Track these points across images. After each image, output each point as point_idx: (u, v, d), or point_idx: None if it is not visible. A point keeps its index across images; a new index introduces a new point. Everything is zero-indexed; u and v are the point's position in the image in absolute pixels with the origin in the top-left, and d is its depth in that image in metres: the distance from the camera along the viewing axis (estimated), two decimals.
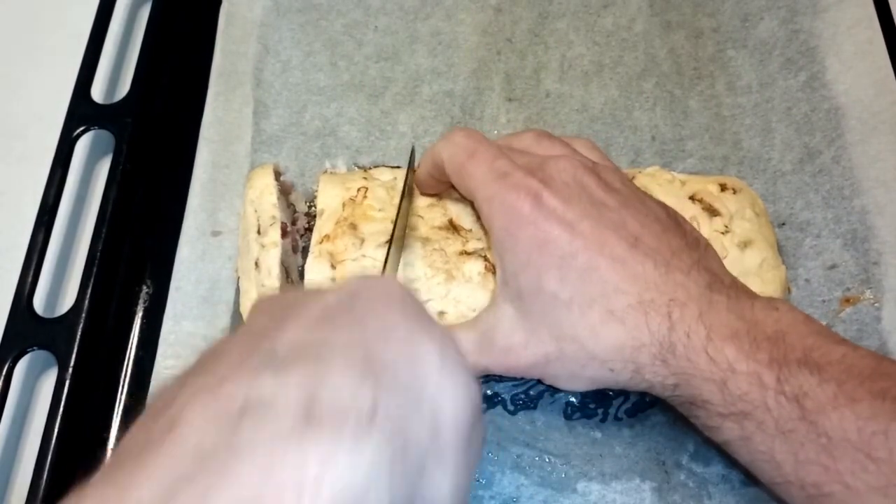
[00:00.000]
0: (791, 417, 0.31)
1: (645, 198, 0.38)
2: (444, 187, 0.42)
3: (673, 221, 0.37)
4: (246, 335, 0.27)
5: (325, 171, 0.46)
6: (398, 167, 0.46)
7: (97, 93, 0.52)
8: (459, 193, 0.41)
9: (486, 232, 0.40)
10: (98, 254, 0.46)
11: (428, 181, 0.42)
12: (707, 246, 0.38)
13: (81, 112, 0.51)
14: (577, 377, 0.36)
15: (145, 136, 0.51)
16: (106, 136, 0.51)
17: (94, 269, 0.46)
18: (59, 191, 0.49)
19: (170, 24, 0.55)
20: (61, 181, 0.49)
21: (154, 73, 0.53)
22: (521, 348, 0.36)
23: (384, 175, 0.44)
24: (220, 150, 0.50)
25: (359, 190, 0.43)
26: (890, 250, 0.45)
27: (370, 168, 0.46)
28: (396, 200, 0.42)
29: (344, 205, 0.42)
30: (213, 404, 0.23)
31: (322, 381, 0.23)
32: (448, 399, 0.26)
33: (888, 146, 0.47)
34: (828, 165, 0.48)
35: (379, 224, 0.41)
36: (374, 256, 0.40)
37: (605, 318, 0.34)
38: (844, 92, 0.50)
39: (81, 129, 0.50)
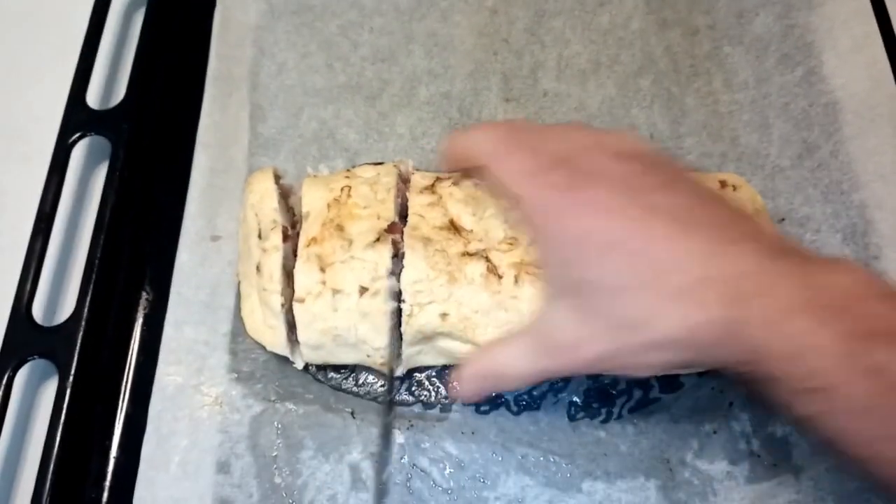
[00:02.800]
0: (869, 393, 0.30)
1: (684, 174, 0.37)
2: (467, 168, 0.41)
3: (718, 197, 0.37)
4: None
5: (310, 176, 0.45)
6: (381, 163, 0.46)
7: (93, 98, 0.52)
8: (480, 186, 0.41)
9: (531, 230, 0.39)
10: (97, 261, 0.46)
11: (455, 165, 0.41)
12: (752, 214, 0.36)
13: (77, 118, 0.51)
14: (644, 364, 0.35)
15: (142, 141, 0.51)
16: (102, 142, 0.51)
17: (93, 277, 0.46)
18: (56, 197, 0.48)
19: (164, 28, 0.55)
20: (58, 187, 0.49)
21: (149, 77, 0.53)
22: (582, 344, 0.35)
23: (367, 172, 0.44)
24: (218, 155, 0.50)
25: (342, 189, 0.43)
26: (889, 244, 0.45)
27: (352, 167, 0.46)
28: (381, 196, 0.42)
29: (329, 206, 0.42)
30: None
31: None
32: None
33: (886, 139, 0.47)
34: (826, 160, 0.48)
35: (365, 222, 0.41)
36: (362, 257, 0.40)
37: (663, 299, 0.33)
38: (841, 86, 0.50)
39: (77, 135, 0.50)
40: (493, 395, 0.43)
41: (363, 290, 0.40)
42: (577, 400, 0.43)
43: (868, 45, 0.50)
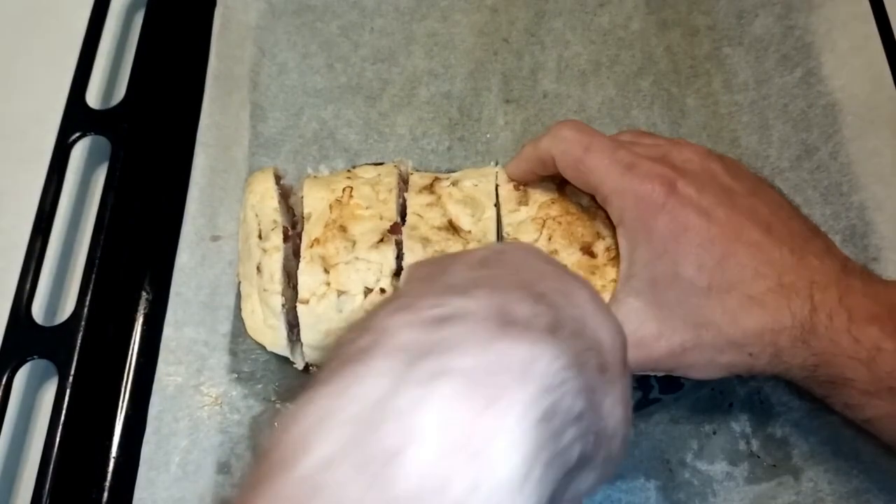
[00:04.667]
0: None
1: (766, 184, 0.39)
2: (538, 179, 0.42)
3: (795, 208, 0.38)
4: (416, 280, 0.29)
5: (309, 176, 0.45)
6: (381, 163, 0.46)
7: (92, 98, 0.52)
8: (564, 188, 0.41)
9: (611, 224, 0.39)
10: (97, 261, 0.46)
11: (527, 176, 0.42)
12: (825, 233, 0.38)
13: (77, 118, 0.50)
14: (713, 365, 0.36)
15: (142, 141, 0.51)
16: (102, 142, 0.50)
17: (93, 277, 0.46)
18: (55, 197, 0.48)
19: (164, 28, 0.55)
20: (58, 187, 0.48)
21: (149, 77, 0.53)
22: (653, 340, 0.35)
23: (368, 173, 0.44)
24: (218, 155, 0.50)
25: (344, 190, 0.43)
26: (889, 246, 0.45)
27: (353, 168, 0.46)
28: (382, 196, 0.42)
29: (331, 207, 0.42)
30: (412, 316, 0.25)
31: (505, 299, 0.25)
32: (606, 333, 0.27)
33: (885, 141, 0.47)
34: (825, 161, 0.48)
35: (368, 223, 0.41)
36: (366, 258, 0.40)
37: (744, 302, 0.34)
38: (841, 87, 0.50)
39: (77, 134, 0.50)
40: None
41: (368, 290, 0.40)
42: None
43: (867, 47, 0.50)
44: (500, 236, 0.41)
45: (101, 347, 0.45)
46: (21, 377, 0.45)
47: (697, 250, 0.34)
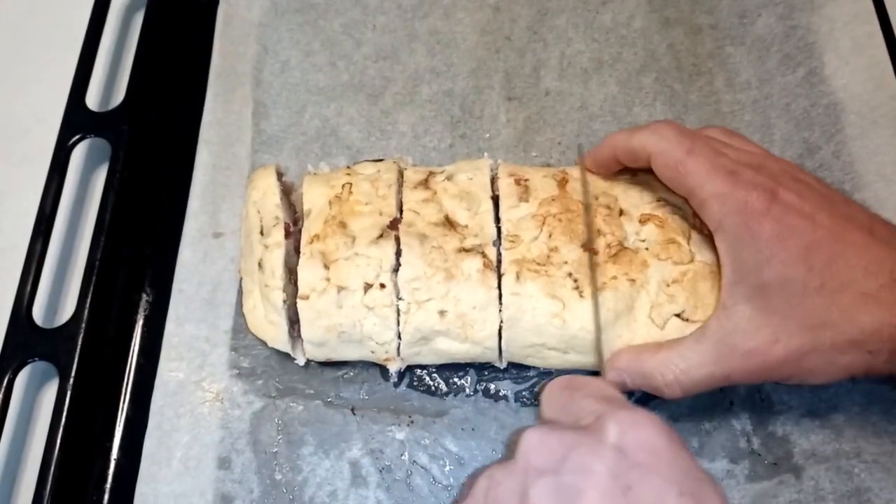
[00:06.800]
0: None
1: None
2: (617, 168, 0.42)
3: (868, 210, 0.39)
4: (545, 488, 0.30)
5: (309, 173, 0.46)
6: (380, 160, 0.46)
7: (92, 100, 0.52)
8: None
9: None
10: (97, 262, 0.46)
11: (608, 163, 0.42)
12: None
13: (77, 120, 0.50)
14: (832, 367, 0.36)
15: (142, 142, 0.50)
16: (102, 144, 0.50)
17: (94, 278, 0.46)
18: (56, 199, 0.48)
19: (163, 29, 0.55)
20: (58, 189, 0.48)
21: (149, 79, 0.52)
22: (768, 346, 0.36)
23: (367, 169, 0.44)
24: (220, 152, 0.50)
25: (343, 186, 0.43)
26: None
27: (352, 164, 0.46)
28: (382, 192, 0.42)
29: (330, 203, 0.42)
30: None
31: None
32: None
33: (888, 140, 0.47)
34: (828, 160, 0.48)
35: (367, 219, 0.41)
36: (366, 254, 0.40)
37: (858, 300, 0.34)
38: (843, 87, 0.50)
39: (77, 137, 0.50)
40: (493, 390, 0.43)
41: (367, 286, 0.40)
42: None
43: (870, 46, 0.50)
44: (497, 230, 0.41)
45: (102, 349, 0.45)
46: (22, 379, 0.45)
47: (806, 252, 0.35)
